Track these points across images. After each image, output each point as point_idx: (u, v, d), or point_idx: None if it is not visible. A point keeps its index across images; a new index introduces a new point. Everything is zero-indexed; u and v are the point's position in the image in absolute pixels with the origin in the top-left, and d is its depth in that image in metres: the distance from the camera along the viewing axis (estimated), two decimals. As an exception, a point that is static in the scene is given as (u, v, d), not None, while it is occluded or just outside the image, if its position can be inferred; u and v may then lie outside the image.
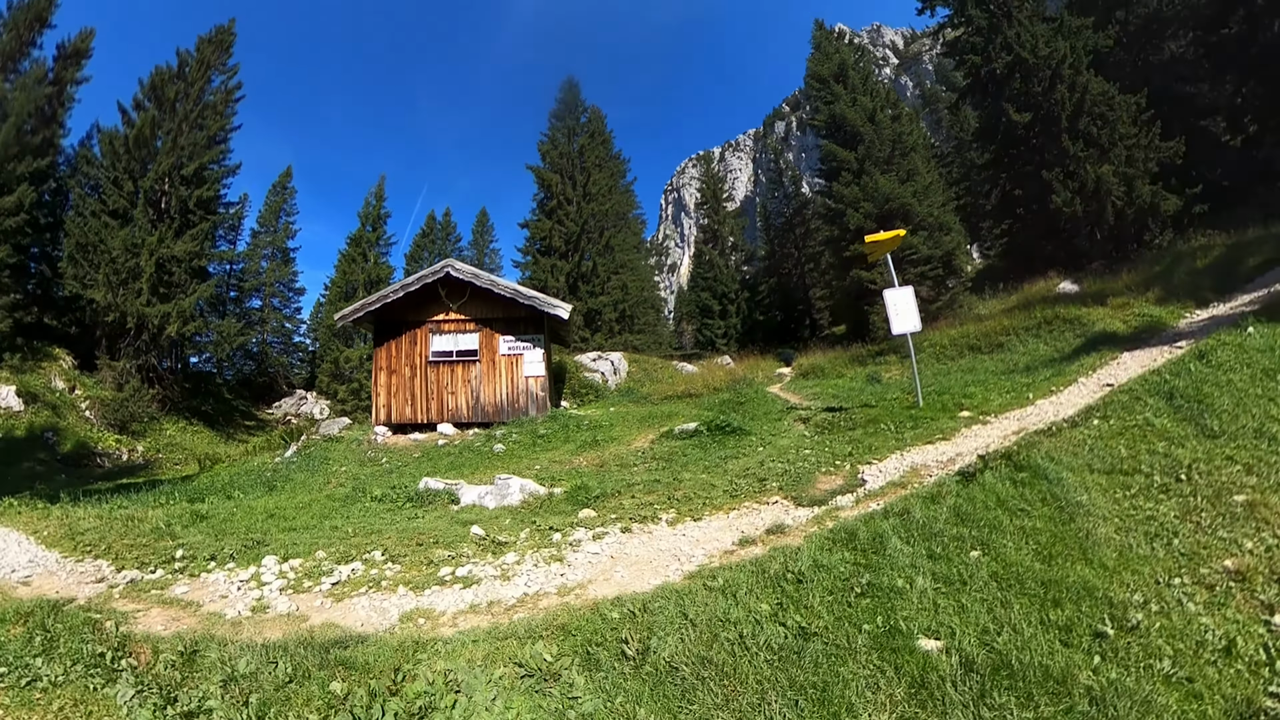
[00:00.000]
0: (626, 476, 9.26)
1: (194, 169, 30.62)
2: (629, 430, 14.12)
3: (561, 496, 8.60)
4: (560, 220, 33.75)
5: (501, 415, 16.93)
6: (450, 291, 17.62)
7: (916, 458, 7.21)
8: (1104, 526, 4.75)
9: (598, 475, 9.76)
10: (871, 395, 12.30)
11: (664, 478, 8.69)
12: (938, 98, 63.60)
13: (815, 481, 7.09)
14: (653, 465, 9.86)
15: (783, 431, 10.71)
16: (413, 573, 5.73)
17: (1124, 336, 13.22)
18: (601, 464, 10.72)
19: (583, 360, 24.49)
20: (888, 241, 10.77)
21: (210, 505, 9.91)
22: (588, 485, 8.69)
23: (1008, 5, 26.29)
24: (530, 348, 17.42)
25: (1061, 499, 5.10)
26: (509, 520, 7.58)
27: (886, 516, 5.07)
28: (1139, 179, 22.86)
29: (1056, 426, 7.03)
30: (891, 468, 6.98)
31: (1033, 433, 6.92)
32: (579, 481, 9.06)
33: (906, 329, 10.00)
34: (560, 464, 11.37)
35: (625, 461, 10.50)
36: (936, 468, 6.63)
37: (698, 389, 17.71)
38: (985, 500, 5.08)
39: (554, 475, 9.94)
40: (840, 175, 25.49)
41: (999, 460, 5.84)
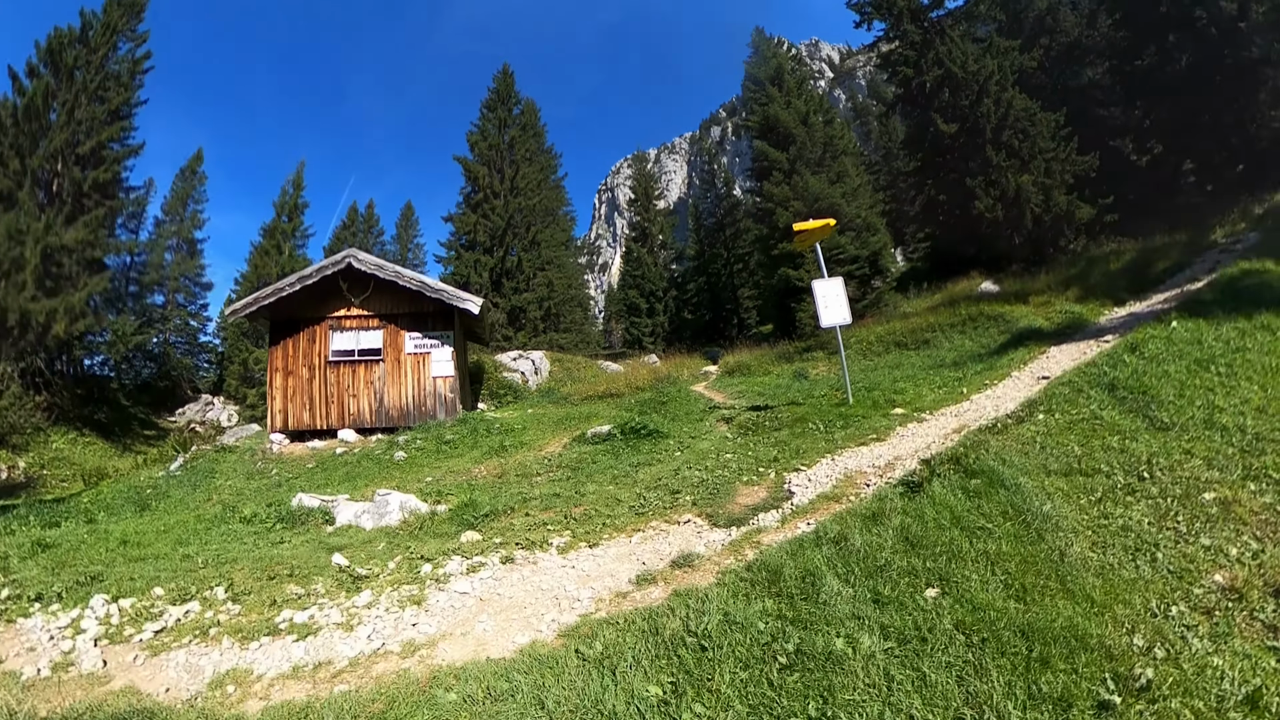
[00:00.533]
0: (525, 489, 8.02)
1: (91, 147, 27.07)
2: (542, 434, 12.86)
3: (446, 515, 7.34)
4: (486, 214, 31.93)
5: (408, 419, 15.29)
6: (352, 285, 15.77)
7: (850, 462, 6.24)
8: (1078, 543, 3.87)
9: (493, 488, 8.48)
10: (799, 392, 11.43)
11: (566, 490, 7.49)
12: (868, 111, 64.97)
13: (735, 494, 6.01)
14: (557, 475, 8.63)
15: (703, 433, 9.66)
16: (251, 616, 4.82)
17: (1049, 332, 12.92)
18: (502, 474, 9.41)
19: (503, 359, 22.91)
20: (817, 230, 9.93)
21: (63, 531, 8.44)
22: (477, 501, 7.43)
23: (941, 24, 27.15)
24: (439, 345, 15.77)
25: (1024, 510, 4.16)
26: (382, 545, 6.42)
27: (819, 544, 3.99)
28: (1056, 189, 23.63)
29: (1001, 423, 6.21)
30: (823, 475, 5.97)
31: (977, 430, 6.08)
32: (469, 496, 7.78)
33: (836, 321, 9.14)
34: (458, 474, 10.02)
35: (528, 470, 9.22)
36: (874, 474, 5.65)
37: (620, 389, 16.53)
38: (937, 518, 4.07)
39: (443, 489, 8.57)
40: (771, 175, 24.97)
41: (947, 465, 4.89)
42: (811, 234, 9.97)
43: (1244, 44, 23.59)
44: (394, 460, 12.30)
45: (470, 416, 15.11)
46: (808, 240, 10.12)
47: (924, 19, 27.15)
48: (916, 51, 26.59)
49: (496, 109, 35.11)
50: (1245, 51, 23.58)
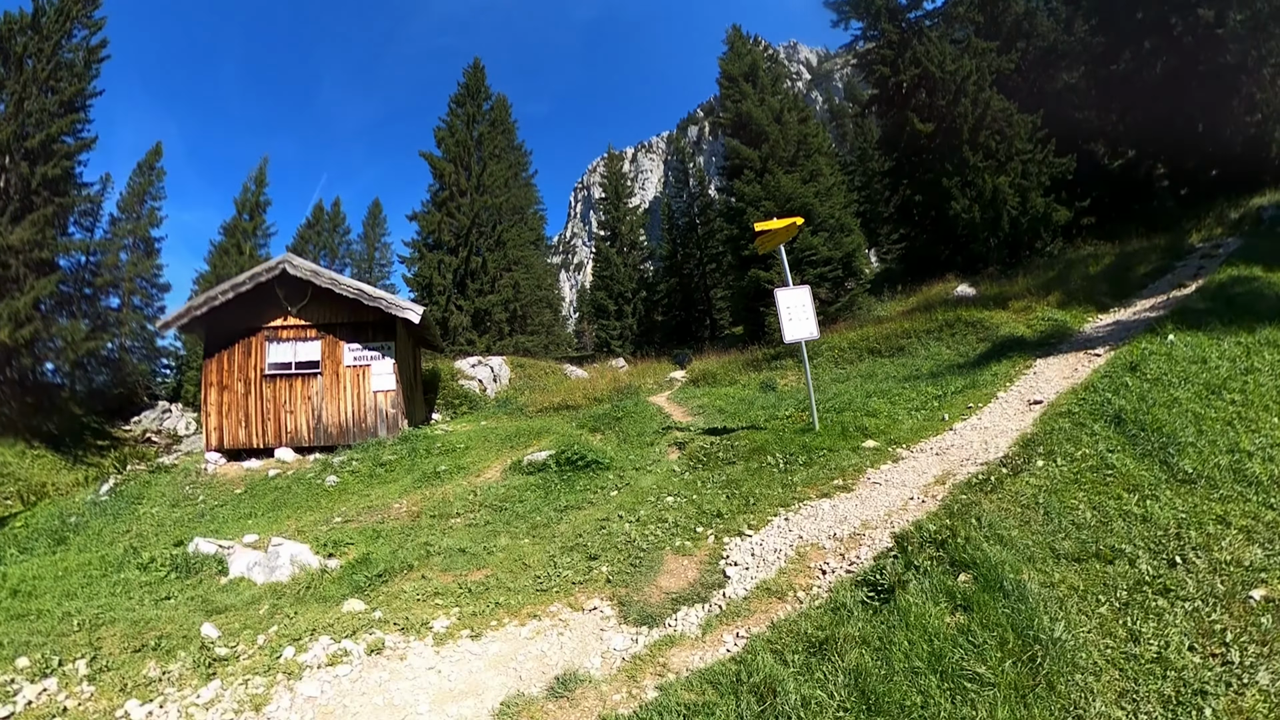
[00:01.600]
0: (434, 538, 6.79)
1: (41, 140, 24.93)
2: (485, 455, 11.56)
3: (337, 574, 6.11)
4: (451, 213, 30.25)
5: (347, 437, 13.86)
6: (289, 292, 14.28)
7: (807, 525, 4.94)
8: (1101, 697, 2.58)
9: (402, 534, 7.20)
10: (763, 409, 10.14)
11: (475, 544, 6.27)
12: (844, 113, 64.39)
13: (661, 567, 4.72)
14: (476, 517, 7.34)
15: (651, 462, 8.34)
16: (100, 703, 4.04)
17: (1032, 341, 11.79)
18: (419, 513, 8.05)
19: (461, 366, 21.38)
20: (781, 230, 8.61)
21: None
22: (374, 557, 6.24)
23: (918, 24, 26.58)
24: (379, 357, 14.29)
25: (1030, 635, 2.92)
26: (265, 608, 5.50)
27: (737, 692, 2.65)
28: (1033, 191, 22.92)
29: (994, 473, 4.94)
30: (770, 547, 4.67)
31: (965, 485, 4.80)
32: (369, 548, 6.59)
33: (801, 336, 7.86)
34: (376, 510, 8.66)
35: (448, 509, 7.89)
36: (833, 552, 4.35)
37: (577, 400, 15.18)
38: (909, 653, 2.82)
39: (343, 539, 7.18)
40: (743, 173, 23.68)
41: (928, 552, 3.60)
42: (776, 234, 8.66)
43: (1220, 51, 23.32)
44: (325, 486, 10.93)
45: (413, 434, 13.70)
46: (772, 241, 8.79)
47: (901, 19, 26.59)
48: (894, 51, 25.96)
49: (465, 104, 33.41)
50: (1221, 58, 23.32)
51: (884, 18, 26.21)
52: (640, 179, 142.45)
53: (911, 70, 24.96)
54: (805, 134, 24.96)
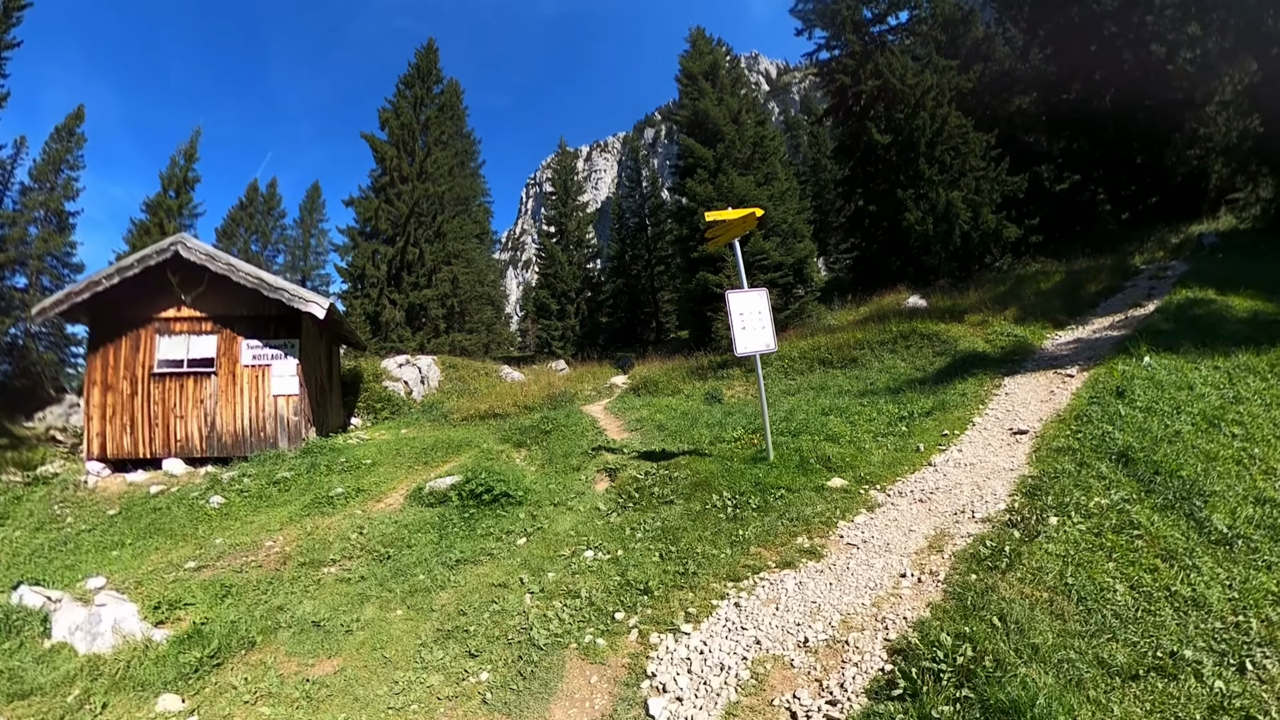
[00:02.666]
0: (291, 599, 5.45)
1: None
2: (391, 474, 10.00)
3: (162, 649, 4.76)
4: (390, 199, 28.06)
5: (244, 448, 11.93)
6: (184, 279, 12.20)
7: (767, 621, 3.61)
8: None
9: (258, 590, 5.73)
10: (708, 427, 8.93)
11: (335, 614, 5.01)
12: (800, 125, 64.68)
13: (558, 686, 3.45)
14: (351, 568, 5.92)
15: (573, 495, 6.98)
16: None
17: (995, 358, 10.99)
18: (289, 557, 6.51)
19: (388, 365, 19.48)
20: (737, 223, 7.37)
21: None
22: (213, 625, 4.91)
23: (881, 38, 26.58)
24: (281, 356, 12.36)
25: None
26: (74, 694, 4.24)
27: None
28: (985, 207, 22.86)
29: (1004, 540, 3.84)
30: (715, 662, 3.33)
31: (970, 556, 3.67)
32: (210, 612, 5.26)
33: (755, 348, 6.65)
34: (244, 550, 7.02)
35: (323, 553, 6.39)
36: (806, 676, 3.06)
37: (506, 407, 13.67)
38: None
39: (182, 596, 5.65)
40: (696, 172, 22.65)
41: (945, 688, 2.37)
42: (730, 226, 7.40)
43: (1168, 87, 24.04)
44: (207, 508, 9.14)
45: (319, 445, 11.91)
46: (726, 234, 7.53)
47: (865, 32, 26.50)
48: (856, 62, 25.81)
49: (414, 86, 31.24)
50: (1169, 94, 24.01)
51: (848, 29, 26.05)
52: (594, 178, 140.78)
53: (872, 82, 24.79)
54: (762, 136, 24.17)
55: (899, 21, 26.84)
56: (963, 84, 25.90)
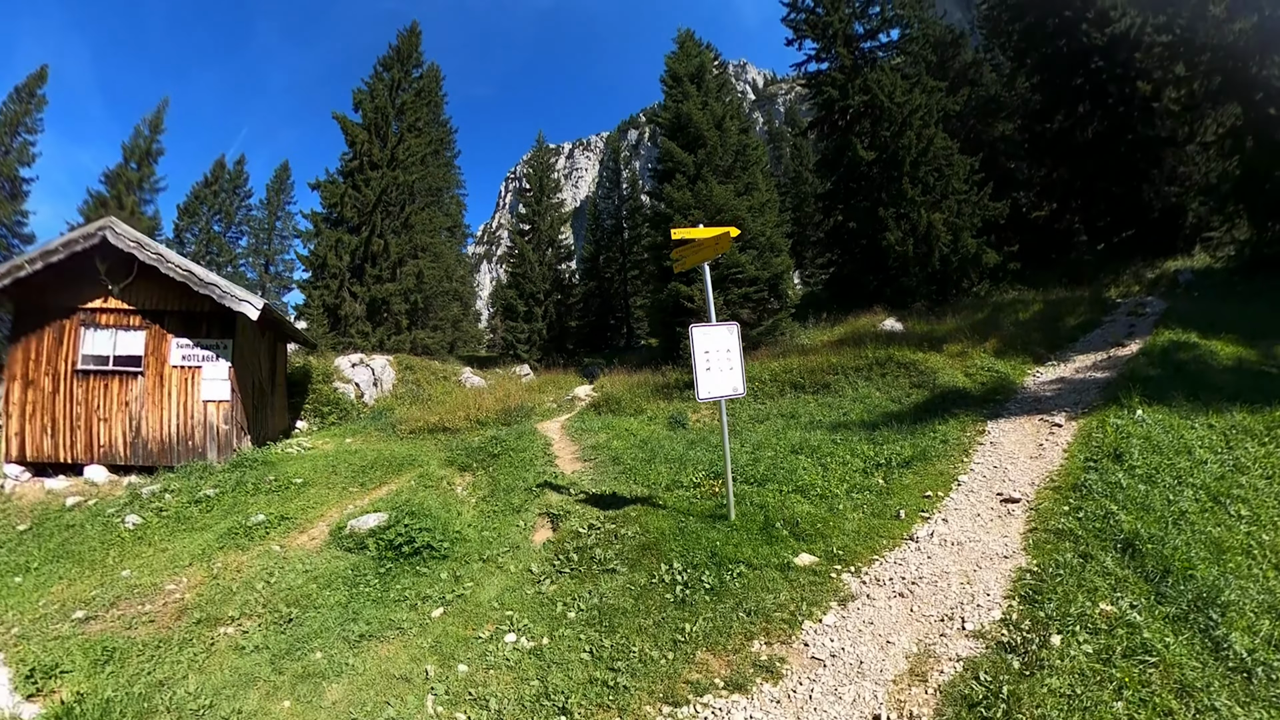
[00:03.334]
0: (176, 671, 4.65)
1: None
2: (321, 499, 9.05)
3: None
4: (358, 185, 26.57)
5: (170, 457, 10.77)
6: (113, 267, 10.99)
7: None
8: None
9: (143, 656, 4.86)
10: (667, 464, 8.13)
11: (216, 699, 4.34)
12: (783, 136, 64.56)
13: None
14: (249, 631, 5.17)
15: (507, 549, 6.12)
16: None
17: (976, 396, 10.39)
18: (186, 609, 5.63)
19: (340, 364, 18.31)
20: (708, 243, 6.39)
21: None
22: (87, 705, 4.10)
23: (872, 54, 26.22)
24: (213, 358, 11.16)
25: None
26: None
27: None
28: (965, 231, 22.53)
29: (999, 670, 3.09)
30: None
31: (959, 695, 2.90)
32: (88, 684, 4.48)
33: (720, 393, 5.74)
34: (142, 595, 6.02)
35: (223, 608, 5.56)
36: None
37: (457, 421, 12.70)
38: None
39: (62, 659, 4.79)
40: (674, 177, 21.81)
41: None
42: (700, 247, 6.41)
43: (1151, 124, 24.14)
44: (122, 529, 8.08)
45: (251, 457, 10.78)
46: (694, 257, 6.50)
47: (855, 46, 26.11)
48: (845, 75, 25.31)
49: (393, 68, 29.81)
50: (1151, 131, 24.12)
51: (839, 42, 25.63)
52: (575, 177, 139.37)
53: (860, 97, 24.33)
54: (745, 144, 23.44)
55: (890, 39, 26.49)
56: (950, 106, 25.78)
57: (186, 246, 39.06)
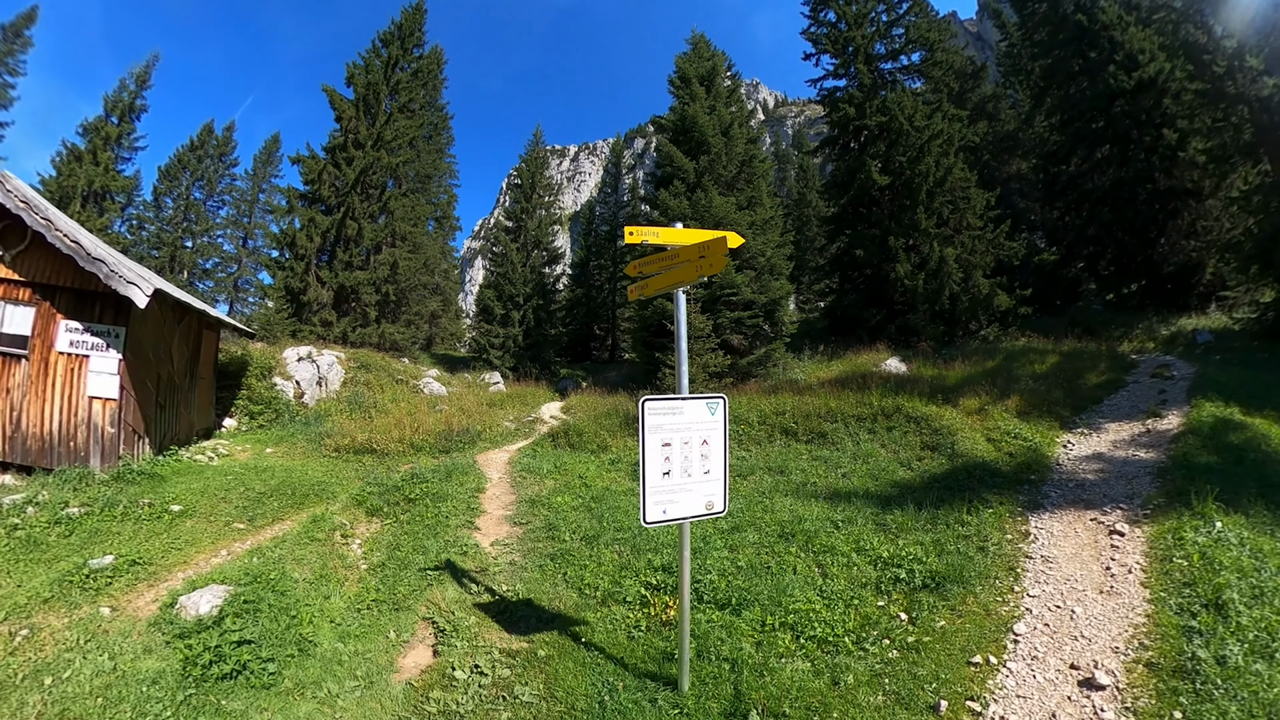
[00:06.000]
0: None
1: None
2: (193, 538, 7.21)
3: None
4: (340, 163, 24.49)
5: (50, 458, 8.86)
6: (7, 229, 9.07)
7: None
8: None
9: None
10: (612, 551, 6.12)
11: None
12: (789, 159, 63.10)
13: None
14: None
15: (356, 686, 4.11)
16: None
17: (1006, 473, 8.43)
18: None
19: (287, 357, 16.19)
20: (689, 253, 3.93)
21: None
22: None
23: (892, 75, 24.68)
24: (103, 348, 9.14)
25: None
26: None
27: None
28: (978, 269, 20.77)
29: None
30: None
31: None
32: None
33: (682, 513, 3.66)
34: None
35: None
36: None
37: (389, 443, 10.67)
38: None
39: None
40: (672, 183, 19.95)
41: None
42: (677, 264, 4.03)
43: (1174, 174, 22.48)
44: None
45: (136, 470, 8.86)
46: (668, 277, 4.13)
47: (875, 65, 24.47)
48: (864, 94, 23.68)
49: (392, 45, 27.80)
50: (1173, 181, 22.47)
51: (859, 59, 24.01)
52: (578, 180, 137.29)
53: (878, 118, 22.65)
54: (752, 155, 21.65)
55: (911, 62, 24.88)
56: (970, 136, 24.15)
57: (164, 210, 36.87)
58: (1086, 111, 23.90)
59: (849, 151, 24.44)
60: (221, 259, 38.64)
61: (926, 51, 24.18)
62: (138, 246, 33.22)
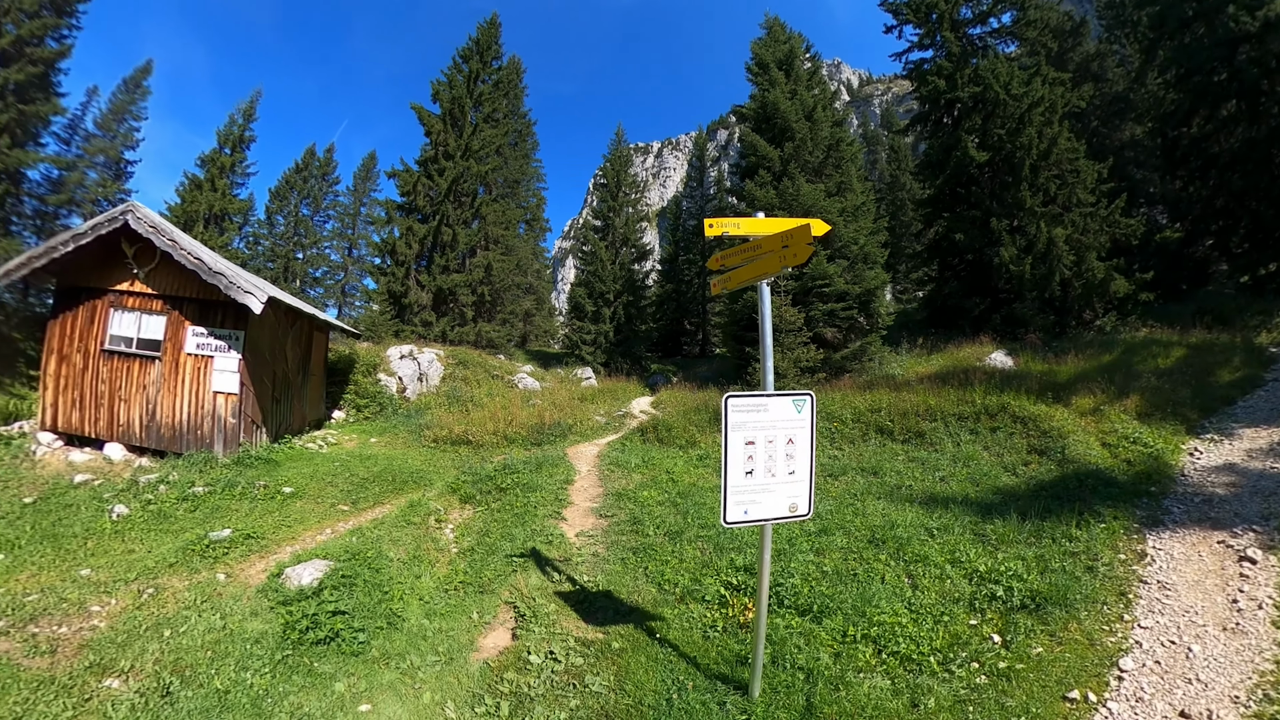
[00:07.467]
0: None
1: (11, 41, 21.26)
2: (301, 516, 7.93)
3: None
4: (432, 175, 25.91)
5: (180, 443, 10.22)
6: (139, 251, 10.62)
7: None
8: None
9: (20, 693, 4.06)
10: (695, 548, 6.11)
11: None
12: (879, 140, 59.89)
13: None
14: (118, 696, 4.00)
15: (438, 661, 4.43)
16: None
17: (1122, 483, 7.64)
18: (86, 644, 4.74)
19: (390, 355, 17.34)
20: (773, 242, 3.79)
21: None
22: None
23: (982, 40, 22.56)
24: (225, 349, 10.47)
25: None
26: None
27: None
28: (1091, 251, 18.72)
29: None
30: None
31: None
32: None
33: (764, 514, 3.58)
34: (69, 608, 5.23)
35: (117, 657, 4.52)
36: None
37: (483, 435, 11.21)
38: None
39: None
40: (757, 173, 19.50)
41: None
42: (759, 254, 3.88)
43: None
44: (108, 520, 7.43)
45: (254, 455, 10.10)
46: (751, 269, 3.95)
47: (963, 31, 22.50)
48: (952, 64, 21.81)
49: (471, 60, 28.99)
50: None
51: (945, 26, 22.15)
52: (663, 176, 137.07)
53: (970, 88, 20.86)
54: (839, 139, 20.75)
55: (1001, 23, 22.59)
56: (1075, 101, 21.41)
57: (276, 227, 40.80)
58: (1206, 63, 20.44)
59: (942, 127, 22.78)
60: (329, 267, 42.46)
61: (1018, 11, 21.95)
62: (255, 260, 37.01)
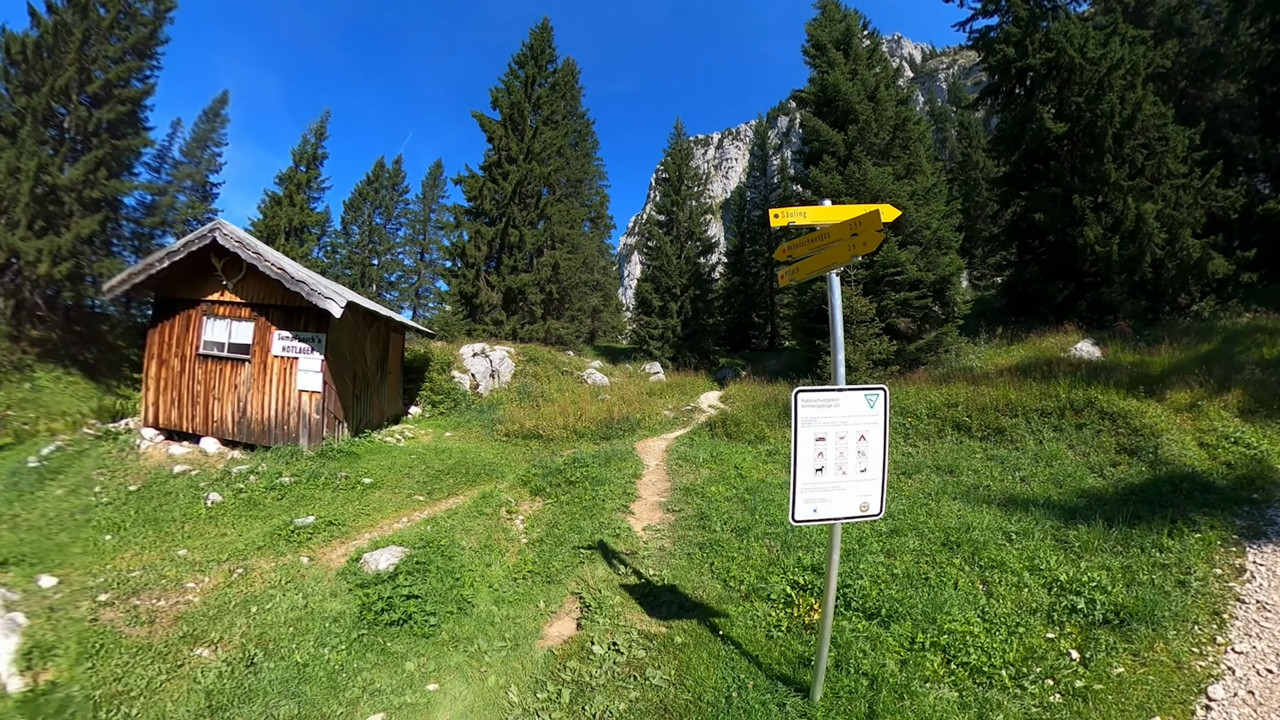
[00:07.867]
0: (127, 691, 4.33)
1: (102, 84, 23.53)
2: (379, 506, 8.49)
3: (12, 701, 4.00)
4: (496, 179, 26.79)
5: (268, 438, 11.35)
6: (228, 264, 11.87)
7: None
8: None
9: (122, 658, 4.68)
10: (762, 545, 6.10)
11: None
12: (947, 116, 56.91)
13: None
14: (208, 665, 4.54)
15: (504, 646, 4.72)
16: None
17: (1221, 489, 6.99)
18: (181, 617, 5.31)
19: (463, 353, 18.08)
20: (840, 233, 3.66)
21: None
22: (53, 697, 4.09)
23: (1051, 2, 21.04)
24: (308, 351, 11.49)
25: None
26: None
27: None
28: (1185, 227, 17.12)
29: None
30: None
31: None
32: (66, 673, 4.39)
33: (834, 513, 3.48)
34: (167, 584, 5.89)
35: (208, 629, 5.10)
36: None
37: (553, 429, 11.56)
38: None
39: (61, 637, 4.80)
40: (821, 159, 18.98)
41: None
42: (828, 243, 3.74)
43: None
44: (201, 508, 8.23)
45: (337, 448, 10.98)
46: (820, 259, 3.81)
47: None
48: (1021, 30, 20.42)
49: (527, 65, 29.64)
50: None
51: None
52: (725, 168, 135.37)
53: (1042, 54, 19.47)
54: (905, 118, 19.91)
55: None
56: (1159, 61, 19.69)
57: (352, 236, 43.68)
58: (1305, 1, 18.28)
59: (1014, 99, 21.37)
60: (403, 272, 44.77)
61: (1087, -35, 20.42)
62: (333, 268, 39.92)
